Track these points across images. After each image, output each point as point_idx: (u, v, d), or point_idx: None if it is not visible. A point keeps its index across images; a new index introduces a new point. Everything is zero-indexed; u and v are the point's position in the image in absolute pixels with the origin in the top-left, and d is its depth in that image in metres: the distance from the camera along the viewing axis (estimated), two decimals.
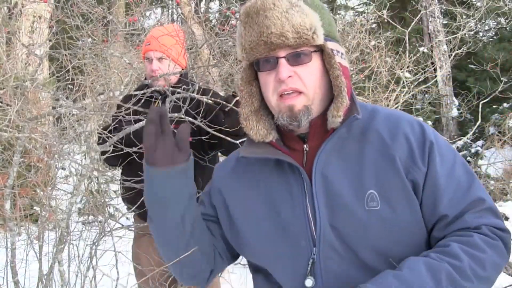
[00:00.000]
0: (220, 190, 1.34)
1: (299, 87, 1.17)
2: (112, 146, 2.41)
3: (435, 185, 1.16)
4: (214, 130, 2.39)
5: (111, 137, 2.41)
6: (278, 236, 1.22)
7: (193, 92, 2.47)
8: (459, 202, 1.16)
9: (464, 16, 8.10)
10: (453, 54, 7.91)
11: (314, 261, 1.17)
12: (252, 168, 1.29)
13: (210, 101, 2.47)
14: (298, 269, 1.19)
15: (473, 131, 7.46)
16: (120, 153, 2.42)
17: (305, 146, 1.24)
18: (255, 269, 1.34)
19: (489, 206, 1.18)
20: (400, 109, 6.79)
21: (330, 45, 1.20)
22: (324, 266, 1.17)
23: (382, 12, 7.54)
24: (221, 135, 2.39)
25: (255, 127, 1.24)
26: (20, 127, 2.54)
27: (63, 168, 5.78)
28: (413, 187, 1.16)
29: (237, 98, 2.41)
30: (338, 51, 1.22)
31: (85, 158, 3.26)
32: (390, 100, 6.61)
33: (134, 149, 2.43)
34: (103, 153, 2.44)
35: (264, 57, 1.18)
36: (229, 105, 2.37)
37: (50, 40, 5.17)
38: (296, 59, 1.16)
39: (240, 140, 2.35)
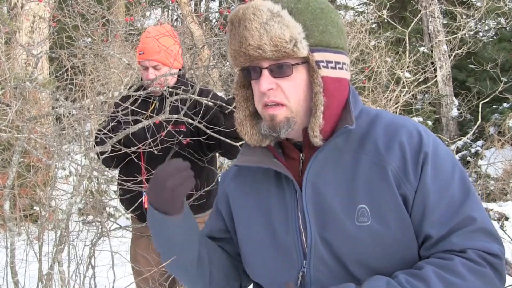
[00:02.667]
0: (226, 194, 1.33)
1: (280, 100, 1.13)
2: (110, 147, 2.40)
3: (424, 202, 1.09)
4: (213, 132, 2.39)
5: (109, 138, 2.41)
6: (271, 248, 1.19)
7: (192, 94, 2.47)
8: (447, 222, 1.08)
9: (464, 16, 8.10)
10: (453, 54, 7.92)
11: (304, 274, 1.14)
12: (254, 175, 1.27)
13: (210, 103, 2.47)
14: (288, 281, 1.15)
15: (473, 131, 7.46)
16: (116, 153, 2.42)
17: (301, 155, 1.21)
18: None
19: (481, 226, 1.08)
20: (400, 109, 6.80)
21: (318, 56, 1.13)
22: (314, 279, 1.13)
23: (382, 12, 7.55)
24: (221, 137, 2.38)
25: (249, 132, 1.22)
26: (20, 127, 2.54)
27: (63, 168, 5.78)
28: (404, 201, 1.10)
29: None
30: (330, 62, 1.15)
31: (85, 158, 3.26)
32: (390, 100, 6.61)
33: (133, 149, 2.42)
34: (101, 153, 2.43)
35: (248, 66, 1.15)
36: (229, 107, 2.37)
37: (49, 40, 5.17)
38: (278, 70, 1.12)
39: (240, 143, 2.35)
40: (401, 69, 6.98)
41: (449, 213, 1.09)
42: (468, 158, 7.68)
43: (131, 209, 2.53)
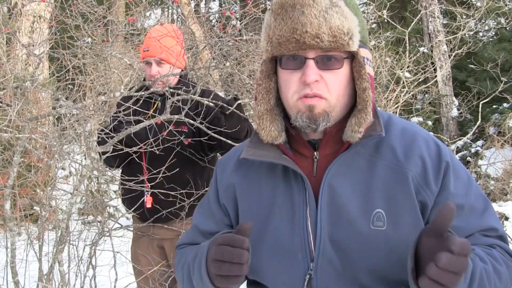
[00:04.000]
0: (233, 186, 1.24)
1: (323, 94, 1.08)
2: (111, 146, 2.41)
3: None
4: (214, 133, 2.39)
5: (111, 137, 2.41)
6: (275, 248, 1.15)
7: (194, 94, 2.47)
8: (471, 228, 1.11)
9: (464, 16, 8.10)
10: (453, 54, 7.92)
11: (311, 277, 1.10)
12: (257, 169, 1.21)
13: (211, 104, 2.47)
14: (294, 284, 1.12)
15: (473, 131, 7.47)
16: (119, 153, 2.42)
17: (315, 153, 1.16)
18: (252, 282, 1.26)
19: (501, 234, 1.15)
20: (400, 109, 6.79)
21: (363, 52, 1.11)
22: (320, 282, 1.10)
23: (382, 12, 7.54)
24: (222, 138, 2.39)
25: (268, 128, 1.15)
26: (20, 127, 2.54)
27: (63, 168, 5.78)
28: (422, 208, 1.10)
29: (239, 101, 2.41)
30: (368, 59, 1.13)
31: (85, 158, 3.26)
32: (390, 100, 6.61)
33: (134, 149, 2.43)
34: (103, 153, 2.43)
35: (292, 54, 1.08)
36: (230, 108, 2.38)
37: (50, 40, 5.17)
38: (326, 63, 1.07)
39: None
40: (401, 69, 6.98)
41: (472, 221, 1.11)
42: (468, 158, 7.68)
43: (132, 209, 2.54)
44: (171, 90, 2.48)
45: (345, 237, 1.09)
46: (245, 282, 1.28)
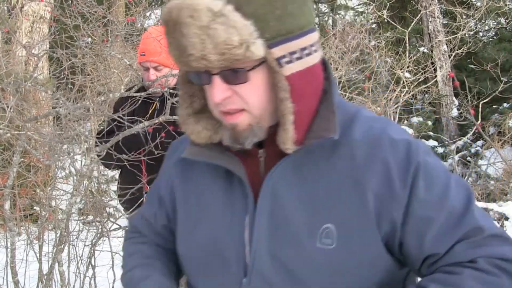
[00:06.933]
0: (173, 181, 1.13)
1: (239, 106, 0.93)
2: (108, 149, 2.40)
3: (419, 218, 0.92)
4: None
5: (108, 141, 2.41)
6: (211, 257, 1.01)
7: None
8: (450, 236, 0.92)
9: (464, 16, 8.11)
10: (453, 54, 7.92)
11: None
12: (201, 168, 1.07)
13: None
14: None
15: (473, 131, 7.47)
16: (116, 156, 2.42)
17: (260, 151, 1.00)
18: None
19: (490, 234, 0.92)
20: (400, 108, 6.79)
21: (279, 51, 0.90)
22: None
23: (382, 12, 7.55)
24: None
25: (195, 130, 1.02)
26: (20, 127, 2.54)
27: (63, 168, 5.78)
28: (390, 226, 0.93)
29: None
30: (293, 52, 0.92)
31: (85, 158, 3.25)
32: (390, 100, 6.61)
33: (133, 152, 2.42)
34: (100, 155, 2.43)
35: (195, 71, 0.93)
36: None
37: (49, 40, 5.18)
38: (232, 76, 0.90)
39: None
40: (401, 69, 6.98)
41: (450, 225, 0.92)
42: (468, 158, 7.68)
43: (131, 210, 2.53)
44: (170, 91, 2.47)
45: (290, 254, 0.94)
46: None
